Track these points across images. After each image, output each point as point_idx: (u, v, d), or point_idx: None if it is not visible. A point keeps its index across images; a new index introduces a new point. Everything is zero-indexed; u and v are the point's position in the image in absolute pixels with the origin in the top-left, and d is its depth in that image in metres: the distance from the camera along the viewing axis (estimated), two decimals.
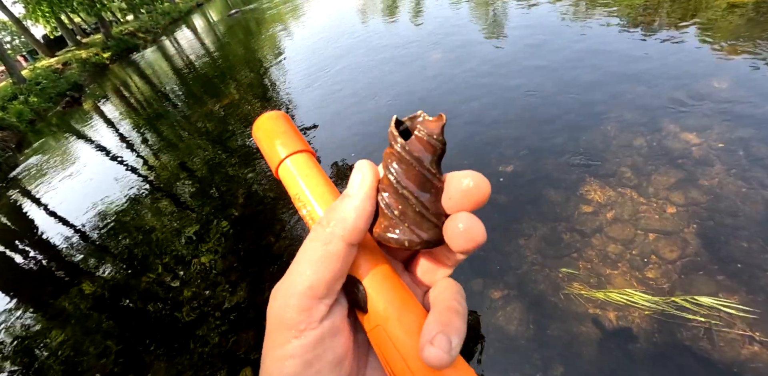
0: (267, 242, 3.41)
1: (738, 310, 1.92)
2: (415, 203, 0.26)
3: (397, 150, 0.27)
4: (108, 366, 2.97)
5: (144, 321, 3.24)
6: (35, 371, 3.24)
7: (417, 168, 0.26)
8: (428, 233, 0.26)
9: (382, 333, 0.25)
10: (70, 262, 4.52)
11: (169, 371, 2.74)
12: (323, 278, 0.25)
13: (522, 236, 2.52)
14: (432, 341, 0.23)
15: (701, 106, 3.00)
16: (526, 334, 2.04)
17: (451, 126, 3.72)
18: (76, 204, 5.78)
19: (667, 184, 2.58)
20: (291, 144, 0.33)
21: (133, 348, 3.03)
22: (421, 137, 0.26)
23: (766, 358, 1.80)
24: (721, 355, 1.85)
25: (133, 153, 6.84)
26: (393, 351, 0.25)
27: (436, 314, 0.25)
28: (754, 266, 2.09)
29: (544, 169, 2.94)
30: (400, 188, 0.26)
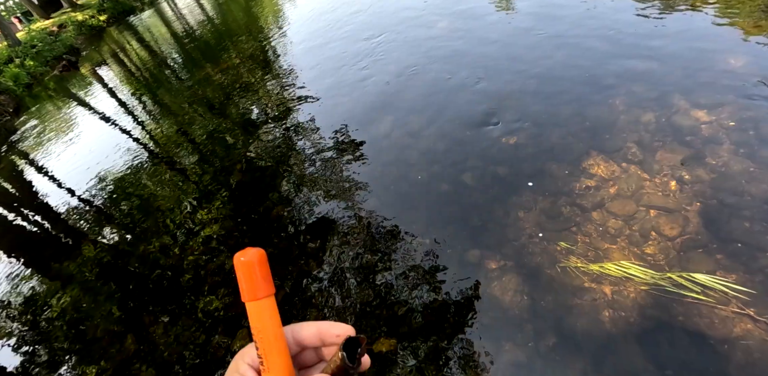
0: (265, 208, 3.38)
1: (734, 289, 1.90)
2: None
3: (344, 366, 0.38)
4: (110, 326, 3.01)
5: (144, 284, 3.26)
6: (41, 330, 3.29)
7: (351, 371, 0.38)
8: None
9: None
10: (72, 226, 4.51)
11: (168, 331, 2.77)
12: None
13: (521, 209, 2.48)
14: None
15: (714, 83, 2.90)
16: (521, 305, 2.03)
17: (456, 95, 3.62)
18: (76, 169, 5.72)
19: (673, 161, 2.52)
20: (260, 289, 0.41)
21: (134, 310, 3.07)
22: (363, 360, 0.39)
23: (758, 335, 1.79)
24: (714, 331, 1.84)
25: (132, 119, 6.73)
26: None
27: None
28: (754, 246, 2.06)
29: (547, 141, 2.87)
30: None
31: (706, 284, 1.94)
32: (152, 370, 2.58)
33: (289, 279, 2.68)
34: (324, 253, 2.75)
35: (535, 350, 1.87)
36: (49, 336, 3.22)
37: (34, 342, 3.25)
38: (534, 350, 1.87)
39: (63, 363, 2.93)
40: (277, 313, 0.41)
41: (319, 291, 2.55)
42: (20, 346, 3.26)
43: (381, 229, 2.75)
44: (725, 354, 1.77)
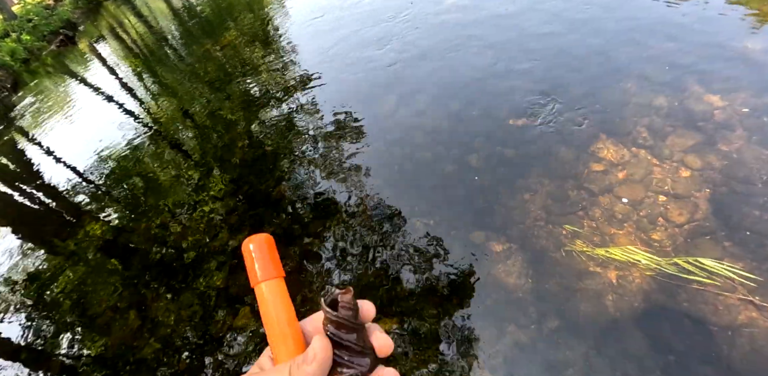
0: (266, 186, 3.33)
1: (741, 276, 1.87)
2: (354, 346, 0.38)
3: (331, 318, 0.38)
4: (113, 302, 3.02)
5: (147, 261, 3.26)
6: (47, 304, 3.31)
7: (348, 324, 0.39)
8: (367, 361, 0.39)
9: None
10: (74, 203, 4.49)
11: (171, 308, 2.77)
12: None
13: (528, 191, 2.43)
14: None
15: (730, 68, 2.82)
16: (525, 287, 2.00)
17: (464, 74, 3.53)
18: (76, 146, 5.66)
19: (684, 146, 2.46)
20: (270, 270, 0.41)
21: (137, 286, 3.08)
22: (344, 305, 0.39)
23: (762, 324, 1.77)
24: (718, 318, 1.82)
25: (131, 96, 6.62)
26: None
27: None
28: (763, 234, 2.02)
29: (557, 123, 2.80)
30: (341, 340, 0.38)
31: (713, 270, 1.91)
32: (155, 345, 2.59)
33: (291, 259, 2.65)
34: (326, 232, 2.72)
35: (538, 332, 1.85)
36: (54, 311, 3.23)
37: (40, 317, 3.26)
38: (537, 332, 1.85)
39: (68, 337, 2.95)
40: (287, 297, 0.40)
41: (320, 271, 2.52)
42: (26, 320, 3.28)
43: (384, 209, 2.71)
44: (729, 341, 1.75)
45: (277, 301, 0.40)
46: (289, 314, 0.40)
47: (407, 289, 2.22)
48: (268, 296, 0.40)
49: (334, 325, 0.39)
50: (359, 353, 0.39)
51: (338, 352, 0.39)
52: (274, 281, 0.40)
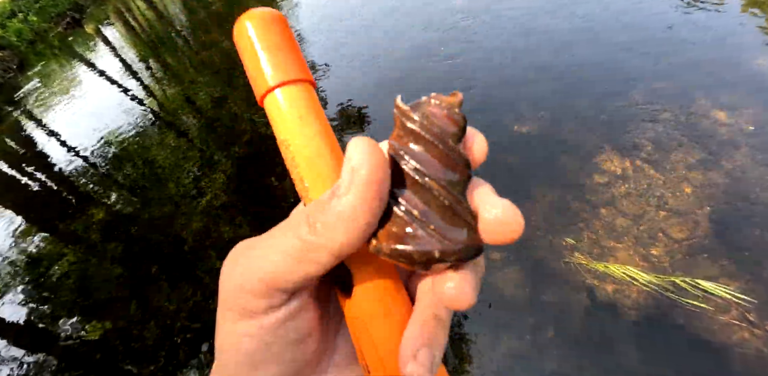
0: (268, 183, 3.34)
1: (736, 297, 1.89)
2: (444, 195, 0.20)
3: (411, 127, 0.21)
4: (114, 289, 3.02)
5: (148, 249, 3.27)
6: (47, 288, 3.31)
7: (441, 147, 0.20)
8: (464, 235, 0.20)
9: (363, 327, 0.22)
10: (77, 187, 4.49)
11: (171, 298, 2.78)
12: (293, 278, 0.21)
13: (529, 200, 2.44)
14: (415, 356, 0.20)
15: (739, 84, 2.82)
16: (522, 297, 2.01)
17: (467, 80, 3.52)
18: (81, 130, 5.63)
19: (688, 162, 2.47)
20: (287, 67, 0.24)
21: (138, 274, 3.08)
22: (441, 111, 0.21)
23: (754, 344, 1.79)
24: (712, 337, 1.83)
25: (137, 82, 6.58)
26: (371, 347, 0.22)
27: (420, 323, 0.22)
28: (761, 255, 2.04)
29: (561, 133, 2.80)
30: (420, 176, 0.20)
31: (709, 291, 1.93)
32: (155, 331, 2.61)
33: None
34: None
35: (532, 342, 1.86)
36: (54, 294, 3.25)
37: (41, 300, 3.28)
38: (531, 342, 1.86)
39: (68, 321, 2.96)
40: (319, 107, 0.24)
41: None
42: (27, 303, 3.29)
43: None
44: (721, 360, 1.77)
45: (303, 112, 0.23)
46: (324, 133, 0.23)
47: None
48: (287, 106, 0.23)
49: (414, 142, 0.21)
50: (451, 214, 0.20)
51: (409, 197, 0.21)
52: (296, 86, 0.24)
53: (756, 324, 1.83)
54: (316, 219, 0.20)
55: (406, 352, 0.21)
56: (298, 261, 0.20)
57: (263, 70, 0.24)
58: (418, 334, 0.21)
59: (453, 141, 0.21)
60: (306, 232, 0.20)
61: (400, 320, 0.22)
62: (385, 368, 0.22)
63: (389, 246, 0.20)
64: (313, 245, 0.20)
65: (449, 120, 0.21)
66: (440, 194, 0.20)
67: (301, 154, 0.23)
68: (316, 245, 0.20)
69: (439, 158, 0.21)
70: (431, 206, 0.20)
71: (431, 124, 0.21)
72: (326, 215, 0.20)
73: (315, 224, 0.20)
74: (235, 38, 0.26)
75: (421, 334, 0.21)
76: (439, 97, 0.22)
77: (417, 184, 0.20)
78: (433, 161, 0.21)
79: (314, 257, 0.20)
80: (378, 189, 0.19)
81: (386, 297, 0.22)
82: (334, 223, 0.19)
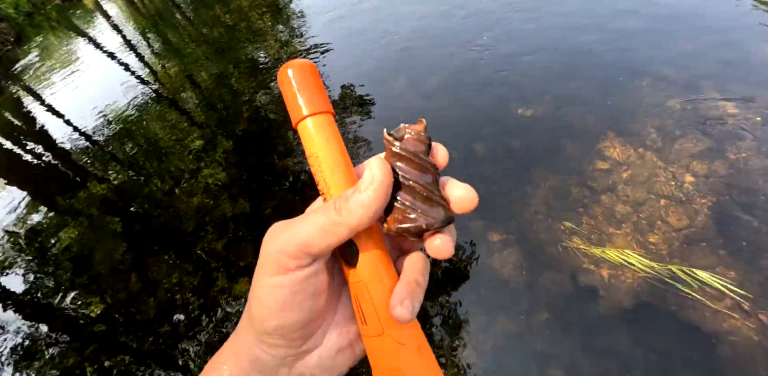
0: (270, 160, 3.30)
1: (730, 286, 1.89)
2: (422, 190, 0.31)
3: (395, 150, 0.32)
4: (114, 264, 3.03)
5: (148, 225, 3.27)
6: (48, 261, 3.32)
7: (416, 161, 0.32)
8: (441, 212, 0.32)
9: (364, 288, 0.32)
10: (77, 162, 4.45)
11: (170, 273, 2.78)
12: (320, 245, 0.30)
13: (530, 185, 2.42)
14: (401, 303, 0.30)
15: (749, 75, 2.78)
16: (518, 279, 2.01)
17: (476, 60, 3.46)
18: (80, 105, 5.55)
19: (692, 151, 2.44)
20: (316, 103, 0.34)
21: (138, 250, 3.09)
22: (412, 136, 0.32)
23: (744, 332, 1.81)
24: (703, 324, 1.85)
25: (137, 57, 6.44)
26: (369, 303, 0.32)
27: (405, 283, 0.32)
28: (758, 246, 2.04)
29: (565, 118, 2.77)
30: (406, 180, 0.32)
31: (704, 280, 1.93)
32: (155, 306, 2.62)
33: None
34: None
35: (526, 323, 1.87)
36: (55, 268, 3.26)
37: (42, 273, 3.29)
38: (526, 323, 1.87)
39: (68, 295, 2.97)
40: (337, 133, 0.34)
41: None
42: (28, 276, 3.31)
43: None
44: (711, 347, 1.79)
45: (328, 134, 0.34)
46: (341, 150, 0.34)
47: None
48: (316, 130, 0.34)
49: (398, 160, 0.32)
50: (429, 201, 0.32)
51: (402, 195, 0.32)
52: (322, 116, 0.34)
53: (748, 314, 1.84)
54: (341, 206, 0.30)
55: (395, 301, 0.31)
56: (326, 233, 0.30)
57: (299, 104, 0.34)
58: (404, 290, 0.31)
59: (424, 154, 0.32)
60: (333, 213, 0.30)
61: (390, 284, 0.32)
62: (378, 319, 0.31)
63: (395, 226, 0.32)
64: (337, 222, 0.30)
65: (419, 142, 0.32)
66: (421, 190, 0.31)
67: (326, 164, 0.33)
68: (339, 222, 0.30)
69: (417, 168, 0.32)
70: (416, 198, 0.32)
71: (407, 147, 0.32)
72: (349, 203, 0.30)
73: (340, 208, 0.30)
74: (279, 80, 0.36)
75: (406, 290, 0.31)
76: (410, 127, 0.33)
77: (406, 186, 0.32)
78: (413, 170, 0.32)
79: (337, 230, 0.30)
80: (386, 189, 0.30)
81: (382, 267, 0.32)
82: (355, 208, 0.30)
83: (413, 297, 0.31)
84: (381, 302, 0.31)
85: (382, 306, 0.31)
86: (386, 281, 0.32)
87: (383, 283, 0.32)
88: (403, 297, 0.31)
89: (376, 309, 0.31)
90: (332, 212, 0.30)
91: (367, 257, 0.32)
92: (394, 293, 0.31)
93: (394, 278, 0.33)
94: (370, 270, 0.32)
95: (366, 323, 0.32)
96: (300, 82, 0.34)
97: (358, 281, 0.32)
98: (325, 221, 0.30)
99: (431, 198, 0.31)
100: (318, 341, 0.33)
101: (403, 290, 0.31)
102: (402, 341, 0.31)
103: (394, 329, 0.31)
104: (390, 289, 0.32)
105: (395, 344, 0.31)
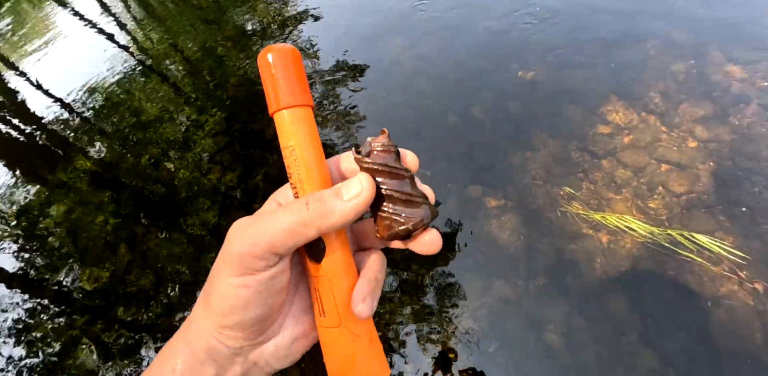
0: (259, 126, 3.18)
1: (729, 251, 1.87)
2: (401, 196, 0.33)
3: (367, 166, 0.33)
4: (105, 235, 2.98)
5: (138, 197, 3.19)
6: (38, 236, 3.25)
7: (386, 170, 0.32)
8: (423, 211, 0.33)
9: (327, 283, 0.33)
10: (61, 136, 4.26)
11: (162, 244, 2.74)
12: (287, 245, 0.30)
13: (530, 149, 2.35)
14: (364, 300, 0.32)
15: (758, 38, 2.67)
16: (516, 244, 1.97)
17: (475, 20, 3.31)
18: (61, 77, 5.27)
19: (695, 116, 2.37)
20: (296, 94, 0.33)
21: (128, 221, 3.03)
22: (377, 148, 0.33)
23: (741, 296, 1.80)
24: (701, 289, 1.84)
25: (118, 25, 6.11)
26: (330, 297, 0.33)
27: (367, 281, 0.34)
28: (758, 212, 2.01)
29: (567, 81, 2.67)
30: (385, 190, 0.33)
31: (703, 244, 1.90)
32: (147, 279, 2.57)
33: None
34: None
35: (524, 288, 1.84)
36: (45, 243, 3.18)
37: (32, 248, 3.21)
38: (524, 288, 1.85)
39: (60, 269, 2.91)
40: (315, 127, 0.33)
41: None
42: (18, 251, 3.22)
43: None
44: (707, 311, 1.78)
45: (306, 129, 0.33)
46: (317, 146, 0.33)
47: None
48: (294, 124, 0.33)
49: (373, 173, 0.33)
50: (410, 203, 0.33)
51: (385, 204, 0.33)
52: (302, 109, 0.33)
53: (746, 278, 1.83)
54: (315, 207, 0.30)
55: (358, 298, 0.32)
56: (294, 234, 0.30)
57: (278, 94, 0.33)
58: (366, 287, 0.33)
59: (393, 162, 0.33)
60: (305, 214, 0.30)
61: (351, 280, 0.33)
62: (337, 312, 0.33)
63: (386, 233, 0.34)
64: (308, 224, 0.30)
65: (386, 153, 0.33)
66: (400, 195, 0.33)
67: (303, 160, 0.32)
68: (310, 224, 0.30)
69: (391, 177, 0.33)
70: (398, 204, 0.33)
71: (376, 159, 0.33)
72: (327, 206, 0.30)
73: (314, 210, 0.30)
74: (259, 64, 0.33)
75: (368, 288, 0.33)
76: (375, 140, 0.34)
77: (386, 195, 0.33)
78: (388, 180, 0.33)
79: (306, 231, 0.30)
80: (368, 203, 0.32)
81: (345, 263, 0.33)
82: (332, 213, 0.30)
83: (373, 295, 0.33)
84: (342, 297, 0.33)
85: (342, 301, 0.33)
86: (348, 277, 0.33)
87: (346, 279, 0.33)
88: (365, 295, 0.32)
89: (337, 303, 0.33)
90: (304, 212, 0.30)
91: (333, 254, 0.33)
92: (356, 290, 0.33)
93: (354, 274, 0.34)
94: (335, 266, 0.33)
95: (325, 315, 0.33)
96: (280, 69, 0.33)
97: (322, 275, 0.33)
98: (295, 221, 0.30)
99: (411, 200, 0.33)
100: (275, 332, 0.34)
101: (366, 287, 0.33)
102: (357, 332, 0.33)
103: (351, 321, 0.33)
104: (351, 284, 0.33)
105: (351, 335, 0.33)
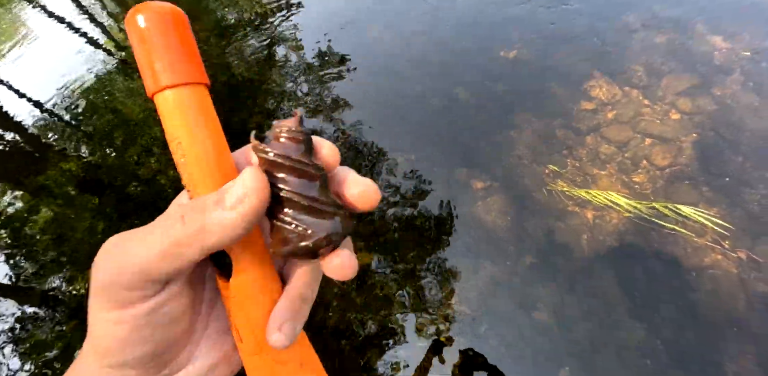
0: (242, 117, 3.14)
1: (713, 221, 1.90)
2: (304, 201, 0.24)
3: (267, 157, 0.25)
4: (95, 241, 2.92)
5: (124, 197, 3.15)
6: (25, 244, 3.19)
7: (288, 164, 0.24)
8: (332, 224, 0.25)
9: (239, 305, 0.26)
10: (42, 139, 4.14)
11: None
12: (166, 270, 0.23)
13: (514, 128, 2.34)
14: (280, 328, 0.26)
15: (740, 8, 2.66)
16: (503, 225, 1.99)
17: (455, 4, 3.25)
18: (37, 79, 5.11)
19: (678, 88, 2.37)
20: (182, 69, 0.24)
21: (116, 222, 2.99)
22: (285, 135, 0.25)
23: (725, 266, 1.84)
24: (686, 260, 1.87)
25: (94, 23, 5.92)
26: (245, 322, 0.26)
27: (288, 302, 0.27)
28: (741, 181, 2.03)
29: (550, 58, 2.64)
30: (284, 192, 0.25)
31: (688, 216, 1.93)
32: None
33: None
34: None
35: (513, 269, 1.87)
36: (33, 248, 3.13)
37: (20, 254, 3.16)
38: (512, 268, 1.87)
39: (49, 274, 2.88)
40: (212, 112, 0.26)
41: None
42: (6, 261, 3.16)
43: (365, 142, 2.59)
44: (693, 281, 1.82)
45: (197, 114, 0.25)
46: (214, 135, 0.25)
47: (384, 223, 2.18)
48: (180, 108, 0.24)
49: (273, 167, 0.25)
50: (316, 213, 0.25)
51: (283, 210, 0.25)
52: (189, 88, 0.25)
53: (729, 247, 1.86)
54: (194, 220, 0.23)
55: (273, 325, 0.26)
56: (170, 256, 0.23)
57: (155, 69, 0.24)
58: (285, 311, 0.26)
59: (303, 156, 0.25)
60: (180, 230, 0.23)
61: (269, 300, 0.27)
62: (255, 338, 0.26)
63: (280, 250, 0.25)
64: (183, 243, 0.23)
65: (292, 141, 0.25)
66: (300, 199, 0.24)
67: (192, 155, 0.25)
68: (187, 243, 0.23)
69: (293, 173, 0.25)
70: (297, 210, 0.25)
71: (279, 151, 0.25)
72: (207, 219, 0.23)
73: (191, 224, 0.23)
74: (127, 29, 0.24)
75: (288, 310, 0.26)
76: (279, 125, 0.26)
77: (284, 198, 0.25)
78: (290, 178, 0.25)
79: (185, 251, 0.23)
80: (259, 207, 0.23)
81: (259, 280, 0.26)
82: (214, 227, 0.23)
83: (295, 319, 0.27)
84: (257, 322, 0.26)
85: (258, 326, 0.26)
86: (265, 296, 0.27)
87: (261, 299, 0.27)
88: (283, 320, 0.26)
89: (253, 329, 0.26)
90: (178, 228, 0.23)
91: (243, 270, 0.26)
92: (273, 315, 0.26)
93: (275, 292, 0.27)
94: (246, 285, 0.26)
95: (242, 341, 0.27)
96: (158, 35, 0.24)
97: (233, 296, 0.26)
98: (167, 242, 0.23)
99: (318, 209, 0.25)
100: (183, 363, 0.28)
101: (284, 311, 0.26)
102: (282, 360, 0.27)
103: (273, 349, 0.26)
104: (269, 305, 0.27)
105: (274, 363, 0.27)
